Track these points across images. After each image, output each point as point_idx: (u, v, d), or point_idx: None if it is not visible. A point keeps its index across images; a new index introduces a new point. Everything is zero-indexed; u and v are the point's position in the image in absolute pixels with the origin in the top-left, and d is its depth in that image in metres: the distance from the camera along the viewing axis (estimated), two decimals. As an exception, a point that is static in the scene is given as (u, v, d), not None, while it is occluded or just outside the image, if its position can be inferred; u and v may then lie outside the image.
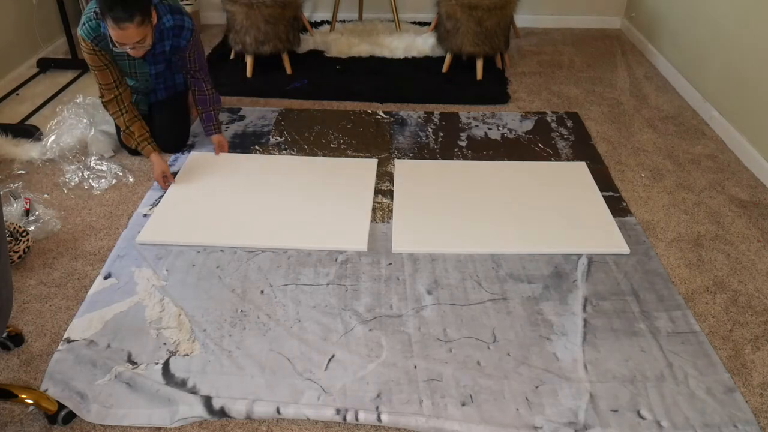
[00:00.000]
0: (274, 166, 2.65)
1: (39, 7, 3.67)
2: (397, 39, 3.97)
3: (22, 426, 1.57)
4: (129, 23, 2.12)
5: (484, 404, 1.62)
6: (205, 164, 2.66)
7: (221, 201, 2.41)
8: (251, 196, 2.44)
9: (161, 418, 1.58)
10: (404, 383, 1.68)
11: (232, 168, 2.63)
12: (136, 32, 2.16)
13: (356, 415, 1.58)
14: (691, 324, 1.87)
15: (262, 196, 2.44)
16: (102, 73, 2.43)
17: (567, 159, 2.76)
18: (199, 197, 2.43)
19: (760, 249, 2.23)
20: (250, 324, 1.86)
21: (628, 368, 1.73)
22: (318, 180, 2.55)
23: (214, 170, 2.62)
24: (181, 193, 2.46)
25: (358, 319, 1.88)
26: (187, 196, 2.44)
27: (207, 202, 2.40)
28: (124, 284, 2.01)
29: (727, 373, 1.72)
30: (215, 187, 2.50)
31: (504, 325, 1.87)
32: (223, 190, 2.47)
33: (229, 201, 2.41)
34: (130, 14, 2.11)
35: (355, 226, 2.27)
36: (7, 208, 2.30)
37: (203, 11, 4.42)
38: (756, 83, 2.71)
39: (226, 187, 2.49)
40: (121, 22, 2.11)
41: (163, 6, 2.37)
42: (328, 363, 1.73)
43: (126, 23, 2.12)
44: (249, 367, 1.72)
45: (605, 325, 1.87)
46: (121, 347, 1.78)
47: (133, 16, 2.11)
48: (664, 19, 3.70)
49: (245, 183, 2.52)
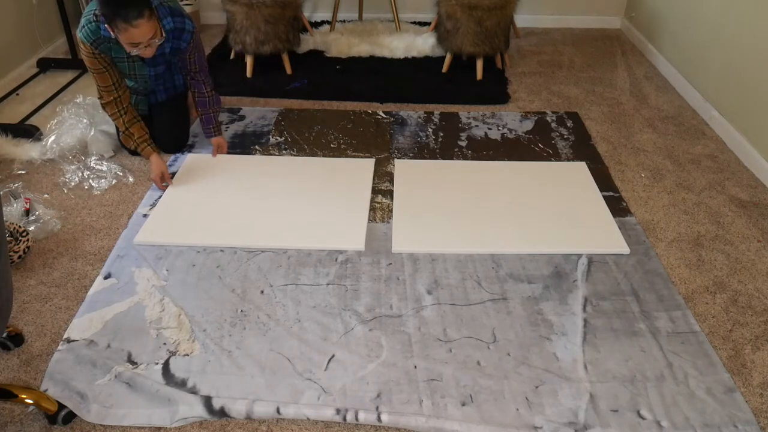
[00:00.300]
0: (270, 167, 2.65)
1: (39, 7, 3.67)
2: (397, 39, 3.97)
3: (22, 426, 1.57)
4: (141, 19, 2.13)
5: (484, 404, 1.62)
6: (203, 165, 2.66)
7: (218, 201, 2.40)
8: (248, 196, 2.44)
9: (161, 418, 1.58)
10: (404, 383, 1.68)
11: (228, 169, 2.63)
12: (148, 27, 2.17)
13: (356, 415, 1.58)
14: (691, 324, 1.87)
15: (259, 196, 2.44)
16: (101, 76, 2.42)
17: (567, 159, 2.76)
18: (196, 198, 2.43)
19: (760, 249, 2.23)
20: (250, 324, 1.86)
21: (628, 368, 1.73)
22: (315, 180, 2.55)
23: (211, 171, 2.61)
24: (178, 194, 2.46)
25: (358, 319, 1.88)
26: (185, 197, 2.44)
27: (205, 203, 2.40)
28: (124, 284, 2.01)
29: (727, 373, 1.72)
30: (212, 187, 2.50)
31: (504, 325, 1.87)
32: (219, 191, 2.47)
33: (226, 201, 2.40)
34: (140, 10, 2.12)
35: (353, 225, 2.27)
36: (7, 208, 2.30)
37: (203, 11, 4.42)
38: (756, 83, 2.71)
39: (222, 188, 2.49)
40: (133, 19, 2.11)
41: (164, 8, 2.36)
42: (328, 363, 1.73)
43: (138, 20, 2.12)
44: (249, 367, 1.72)
45: (605, 325, 1.87)
46: (121, 347, 1.78)
47: (142, 11, 2.13)
48: (664, 19, 3.70)
49: (242, 184, 2.52)
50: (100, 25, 2.28)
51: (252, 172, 2.61)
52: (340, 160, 2.72)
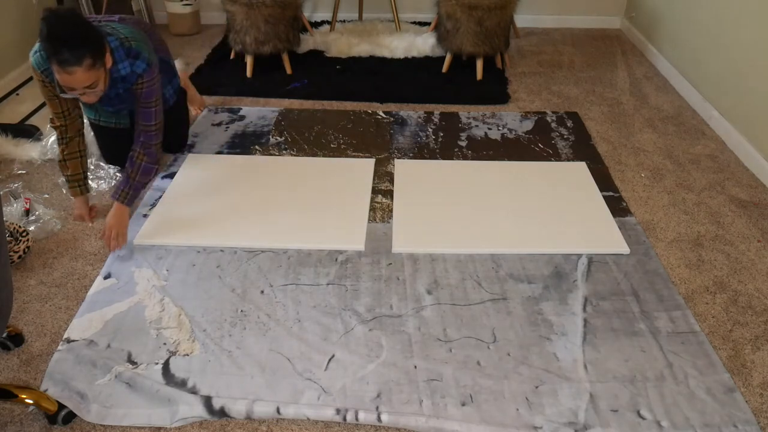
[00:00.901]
0: (270, 168, 2.65)
1: (39, 7, 3.67)
2: (397, 39, 3.97)
3: (22, 426, 1.57)
4: (77, 67, 1.84)
5: (484, 404, 1.62)
6: (203, 165, 2.66)
7: (218, 201, 2.40)
8: (248, 196, 2.44)
9: (161, 418, 1.58)
10: (404, 383, 1.68)
11: (228, 169, 2.63)
12: (85, 76, 1.88)
13: (356, 415, 1.58)
14: (691, 324, 1.87)
15: (259, 196, 2.44)
16: (51, 103, 2.17)
17: (567, 159, 2.76)
18: (196, 198, 2.43)
19: (760, 249, 2.23)
20: (250, 324, 1.86)
21: (628, 368, 1.73)
22: (314, 181, 2.55)
23: (211, 171, 2.61)
24: (178, 193, 2.46)
25: (358, 319, 1.88)
26: (185, 197, 2.44)
27: (204, 203, 2.39)
28: (124, 284, 2.01)
29: (727, 373, 1.72)
30: (212, 187, 2.49)
31: (504, 325, 1.87)
32: (219, 191, 2.47)
33: (226, 201, 2.40)
34: (78, 57, 1.83)
35: (353, 225, 2.27)
36: (7, 208, 2.30)
37: (203, 11, 4.42)
38: (756, 83, 2.71)
39: (222, 188, 2.49)
40: (68, 65, 1.83)
41: (122, 50, 2.08)
42: (328, 363, 1.73)
43: (75, 67, 1.84)
44: (249, 367, 1.72)
45: (605, 325, 1.87)
46: (121, 347, 1.78)
47: (81, 58, 1.84)
48: (664, 19, 3.70)
49: (242, 184, 2.52)
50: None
51: (252, 172, 2.61)
52: (340, 160, 2.72)
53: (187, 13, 4.20)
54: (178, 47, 4.05)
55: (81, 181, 2.31)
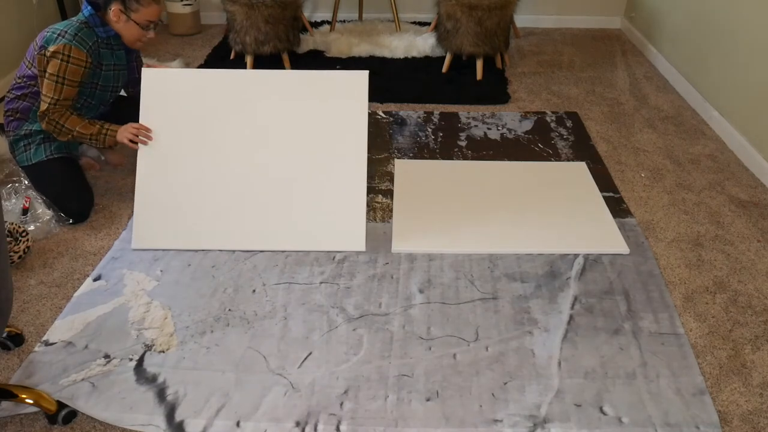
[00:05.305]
0: (246, 90, 2.22)
1: (39, 7, 3.67)
2: (397, 39, 3.97)
3: (22, 426, 1.57)
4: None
5: (449, 400, 1.62)
6: (165, 92, 2.21)
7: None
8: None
9: (122, 422, 1.56)
10: (374, 380, 1.68)
11: (197, 99, 2.21)
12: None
13: (315, 428, 1.55)
14: (675, 326, 1.86)
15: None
16: (72, 90, 2.21)
17: (567, 159, 2.76)
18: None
19: (760, 249, 2.23)
20: (234, 321, 1.87)
21: (601, 365, 1.73)
22: (301, 103, 2.21)
23: (178, 105, 2.20)
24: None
25: (345, 318, 1.88)
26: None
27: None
28: (113, 286, 2.00)
29: (701, 375, 1.70)
30: (189, 134, 2.18)
31: (488, 323, 1.87)
32: (197, 139, 2.18)
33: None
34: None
35: (353, 226, 2.21)
36: (6, 208, 2.30)
37: (203, 11, 4.42)
38: (756, 83, 2.71)
39: (195, 128, 2.19)
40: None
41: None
42: (304, 360, 1.73)
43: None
44: (222, 363, 1.72)
45: (589, 323, 1.87)
46: (99, 348, 1.77)
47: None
48: (664, 19, 3.70)
49: (218, 119, 2.19)
50: (94, 30, 2.25)
51: (226, 97, 2.22)
52: (329, 73, 2.25)
53: (187, 13, 4.20)
54: (178, 47, 4.05)
55: (105, 125, 2.25)
